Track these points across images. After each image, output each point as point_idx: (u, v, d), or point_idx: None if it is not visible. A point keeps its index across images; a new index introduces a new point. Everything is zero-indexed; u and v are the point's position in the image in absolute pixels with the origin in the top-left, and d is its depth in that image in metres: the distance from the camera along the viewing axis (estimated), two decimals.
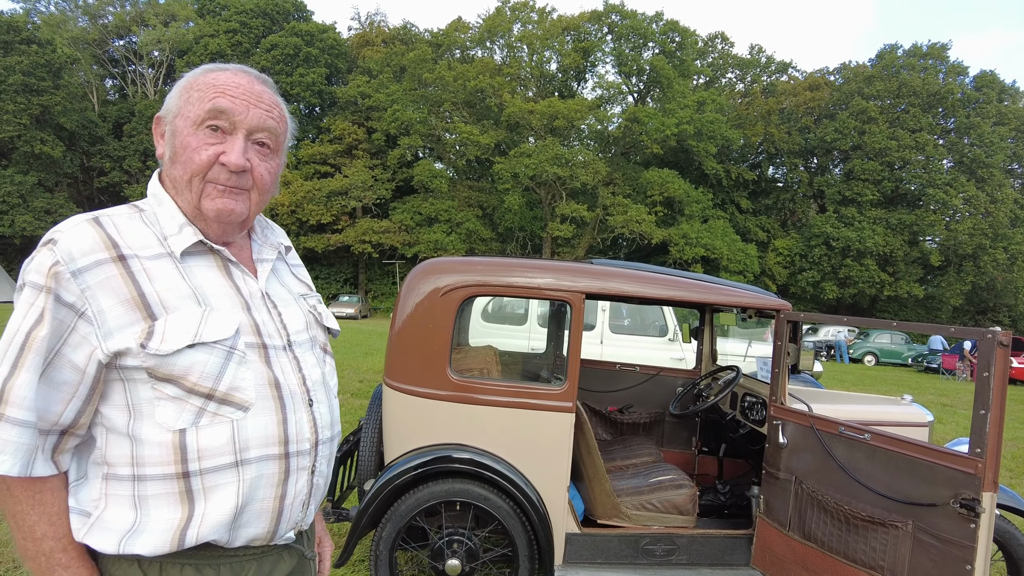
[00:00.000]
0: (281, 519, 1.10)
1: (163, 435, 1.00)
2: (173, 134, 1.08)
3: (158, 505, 1.01)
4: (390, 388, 2.98)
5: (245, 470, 1.04)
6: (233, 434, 1.03)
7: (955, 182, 35.27)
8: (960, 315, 37.60)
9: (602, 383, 4.45)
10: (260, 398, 1.06)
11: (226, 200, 1.08)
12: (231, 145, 1.07)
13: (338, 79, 41.30)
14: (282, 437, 1.08)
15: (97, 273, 0.98)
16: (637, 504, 3.16)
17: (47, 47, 33.34)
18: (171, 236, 1.07)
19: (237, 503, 1.03)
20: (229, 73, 1.10)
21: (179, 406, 1.00)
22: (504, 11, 38.44)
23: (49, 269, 0.96)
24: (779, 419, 2.97)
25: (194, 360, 1.00)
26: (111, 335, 0.97)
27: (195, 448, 1.01)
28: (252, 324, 1.09)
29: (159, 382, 1.00)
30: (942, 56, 37.62)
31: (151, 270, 1.02)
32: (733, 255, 33.93)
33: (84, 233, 0.99)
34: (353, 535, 2.83)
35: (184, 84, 1.10)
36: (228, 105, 1.06)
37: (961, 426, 9.27)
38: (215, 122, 1.06)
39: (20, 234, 32.25)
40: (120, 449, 1.02)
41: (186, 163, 1.06)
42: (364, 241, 34.65)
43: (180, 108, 1.08)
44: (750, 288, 3.35)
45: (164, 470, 1.00)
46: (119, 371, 1.00)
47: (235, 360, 1.04)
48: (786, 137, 38.64)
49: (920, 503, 2.34)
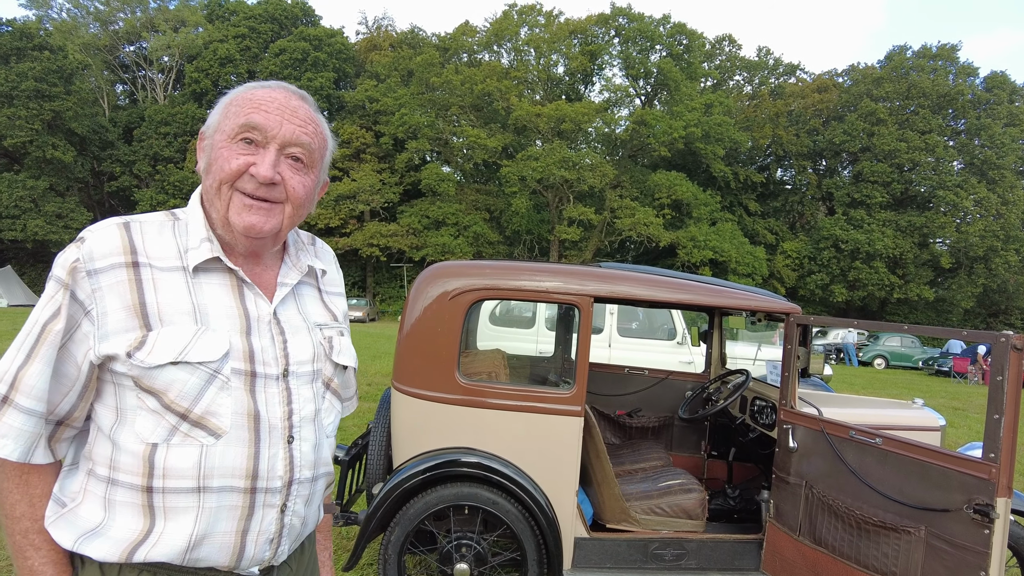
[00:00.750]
0: (243, 554, 1.08)
1: (137, 445, 1.01)
2: (211, 147, 1.10)
3: (123, 512, 1.02)
4: (399, 391, 2.98)
5: (206, 498, 1.03)
6: (200, 459, 1.02)
7: (966, 184, 35.03)
8: (971, 318, 37.29)
9: (611, 387, 4.43)
10: (235, 427, 1.04)
11: (255, 216, 1.08)
12: (262, 157, 1.07)
13: (346, 83, 41.50)
14: (250, 471, 1.05)
15: (109, 276, 1.00)
16: (646, 508, 3.14)
17: (59, 53, 33.69)
18: (191, 249, 1.08)
19: (193, 531, 1.02)
20: (267, 89, 1.11)
21: (156, 420, 1.01)
22: (511, 15, 38.53)
23: (71, 265, 1.00)
24: (789, 423, 2.96)
25: (174, 378, 1.00)
26: (106, 338, 0.99)
27: (162, 465, 1.01)
28: (246, 350, 1.07)
29: (143, 392, 1.01)
30: (952, 57, 37.40)
31: (159, 281, 1.03)
32: (741, 258, 33.80)
33: (110, 235, 1.03)
34: (362, 539, 2.83)
35: (225, 101, 1.12)
36: (262, 120, 1.07)
37: (973, 430, 9.18)
38: (249, 135, 1.07)
39: (32, 238, 32.56)
40: (102, 448, 1.04)
41: (216, 172, 1.07)
42: (372, 244, 34.76)
43: (219, 123, 1.10)
44: (759, 291, 3.33)
45: (132, 479, 1.01)
46: (111, 374, 1.03)
47: (216, 384, 1.03)
48: (794, 139, 38.50)
49: (933, 508, 2.31)
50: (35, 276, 35.94)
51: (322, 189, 1.22)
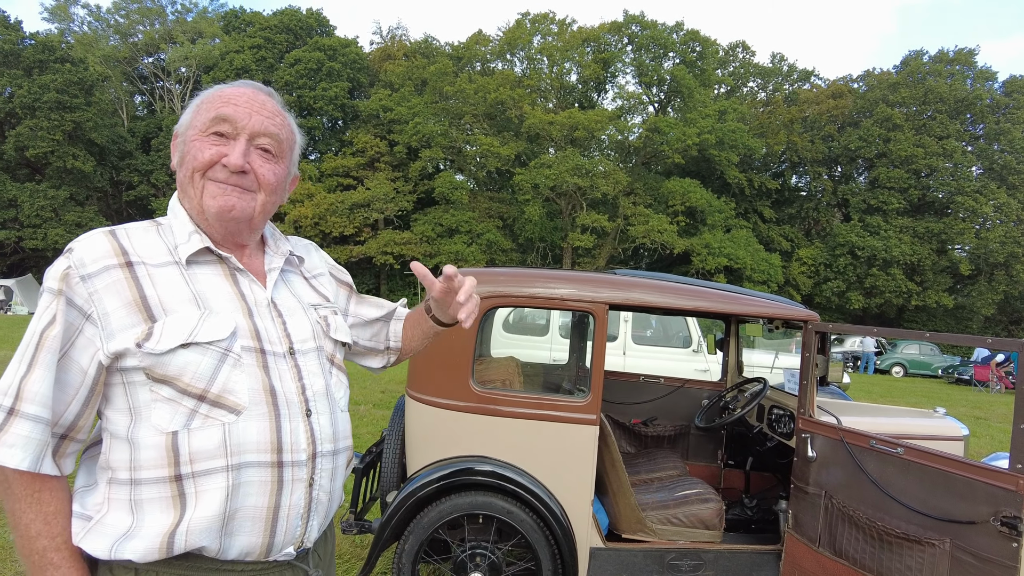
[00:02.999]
0: (276, 531, 1.08)
1: (157, 437, 1.01)
2: (184, 143, 1.14)
3: (152, 509, 1.02)
4: (413, 399, 2.98)
5: (235, 475, 1.04)
6: (224, 437, 1.03)
7: (985, 189, 34.54)
8: (992, 325, 36.68)
9: (626, 395, 4.40)
10: (253, 403, 1.06)
11: (227, 198, 1.11)
12: (233, 148, 1.11)
13: (360, 93, 41.83)
14: (275, 444, 1.07)
15: (104, 277, 1.02)
16: (662, 518, 3.10)
17: (80, 65, 34.30)
18: (180, 244, 1.11)
19: (225, 507, 1.03)
20: (235, 87, 1.17)
21: (173, 408, 1.02)
22: (524, 24, 38.66)
23: (62, 274, 1.01)
24: (808, 432, 2.91)
25: (187, 360, 1.02)
26: (113, 336, 1.01)
27: (187, 451, 1.01)
28: (252, 329, 1.10)
29: (156, 383, 1.02)
30: (969, 62, 36.97)
31: (155, 275, 1.06)
32: (756, 265, 33.53)
33: (97, 242, 1.05)
34: (376, 547, 2.82)
35: (196, 100, 1.17)
36: (231, 112, 1.12)
37: (996, 440, 9.01)
38: (219, 128, 1.11)
39: (52, 247, 33.04)
40: (120, 453, 1.04)
41: (189, 162, 1.11)
42: (386, 252, 34.89)
43: (191, 120, 1.15)
44: (775, 298, 3.29)
45: (158, 473, 1.01)
46: (120, 373, 1.03)
47: (229, 362, 1.05)
48: (809, 145, 38.21)
49: (958, 520, 2.26)
50: None
51: (292, 183, 1.28)
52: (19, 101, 32.00)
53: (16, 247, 34.38)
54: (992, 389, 18.21)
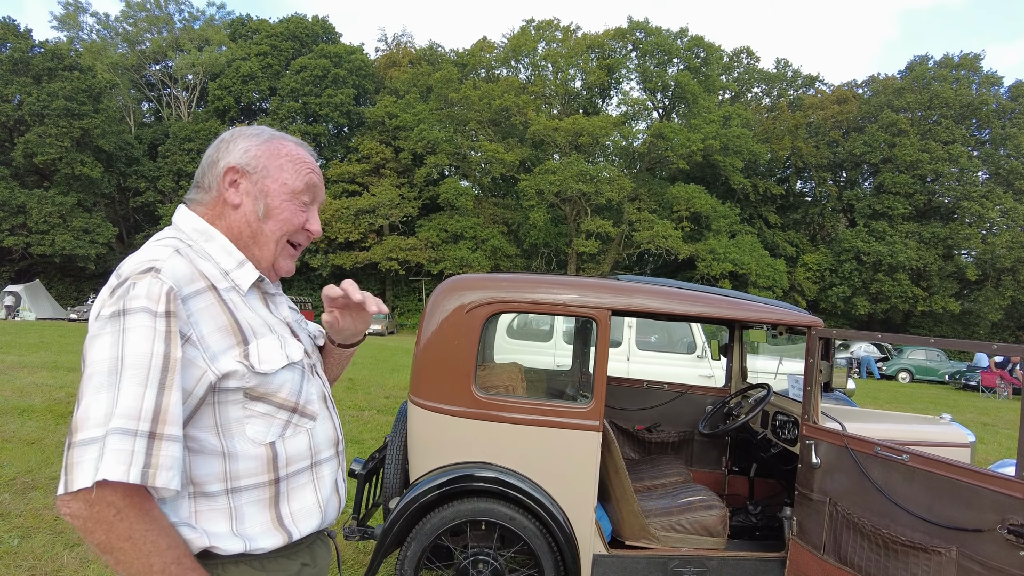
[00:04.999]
0: (328, 509, 1.27)
1: (256, 449, 1.12)
2: (266, 194, 1.21)
3: (251, 512, 1.12)
4: (415, 405, 2.98)
5: (318, 469, 1.23)
6: (309, 441, 1.21)
7: (991, 194, 34.41)
8: (999, 331, 36.46)
9: (629, 401, 4.39)
10: (321, 409, 1.25)
11: (292, 263, 1.30)
12: (314, 217, 1.29)
13: (366, 99, 42.02)
14: (335, 439, 1.29)
15: (199, 301, 1.08)
16: (666, 525, 3.09)
17: (88, 73, 34.60)
18: (232, 271, 1.18)
19: (318, 497, 1.21)
20: (305, 150, 1.28)
21: (268, 421, 1.14)
22: (529, 30, 38.80)
23: (167, 295, 1.02)
24: (812, 438, 2.89)
25: (285, 379, 1.16)
26: (216, 358, 1.07)
27: (284, 457, 1.16)
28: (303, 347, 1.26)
29: (251, 401, 1.12)
30: (975, 67, 36.90)
31: (234, 300, 1.15)
32: (761, 270, 33.46)
33: (181, 263, 1.08)
34: (378, 553, 2.81)
35: (273, 149, 1.24)
36: (318, 183, 1.29)
37: (1004, 447, 8.94)
38: (308, 198, 1.27)
39: (60, 253, 33.27)
40: (208, 468, 1.08)
41: (283, 224, 1.23)
42: (391, 258, 34.99)
43: (270, 171, 1.22)
44: (780, 304, 3.28)
45: (259, 479, 1.12)
46: (215, 393, 1.08)
47: (305, 378, 1.22)
48: (814, 151, 38.16)
49: (964, 528, 2.24)
50: (62, 290, 36.67)
51: None
52: (28, 108, 32.29)
53: (24, 253, 34.61)
54: (1000, 395, 18.09)
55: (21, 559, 3.41)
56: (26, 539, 3.67)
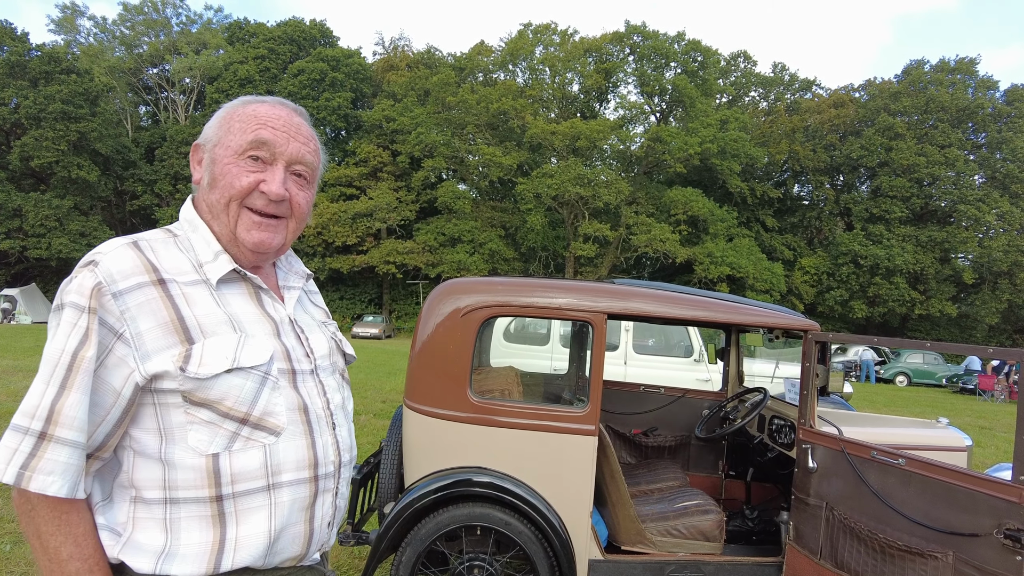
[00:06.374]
0: (312, 541, 1.12)
1: (196, 459, 1.00)
2: (213, 162, 1.11)
3: (189, 528, 1.01)
4: (410, 409, 2.96)
5: (277, 493, 1.06)
6: (265, 458, 1.05)
7: (988, 198, 34.49)
8: (996, 334, 36.51)
9: (626, 405, 4.38)
10: (291, 423, 1.08)
11: (264, 233, 1.12)
12: (271, 175, 1.11)
13: (363, 103, 42.04)
14: (312, 460, 1.10)
15: (137, 295, 0.99)
16: (662, 530, 3.08)
17: (85, 76, 34.56)
18: (206, 263, 1.09)
19: (271, 526, 1.05)
20: (268, 105, 1.14)
21: (212, 430, 1.01)
22: (526, 34, 38.87)
23: (91, 290, 0.96)
24: (808, 443, 2.89)
25: (231, 385, 1.02)
26: (149, 357, 0.98)
27: (228, 472, 1.02)
28: (283, 350, 1.11)
29: (193, 406, 1.00)
30: (970, 71, 37.02)
31: (189, 295, 1.04)
32: (759, 274, 33.49)
33: (124, 256, 1.01)
34: (373, 559, 2.80)
35: (224, 114, 1.13)
36: (270, 136, 1.10)
37: (1001, 450, 8.94)
38: (257, 152, 1.10)
39: (56, 256, 33.17)
40: (149, 472, 1.01)
41: (225, 188, 1.09)
42: (388, 262, 34.97)
43: (220, 137, 1.11)
44: (777, 307, 3.28)
45: (197, 493, 1.01)
46: (153, 394, 1.00)
47: (268, 386, 1.06)
48: (811, 155, 38.23)
49: (961, 533, 2.23)
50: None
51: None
52: (25, 112, 32.24)
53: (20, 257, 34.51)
54: (997, 399, 18.11)
55: (13, 565, 3.39)
56: (18, 544, 3.64)
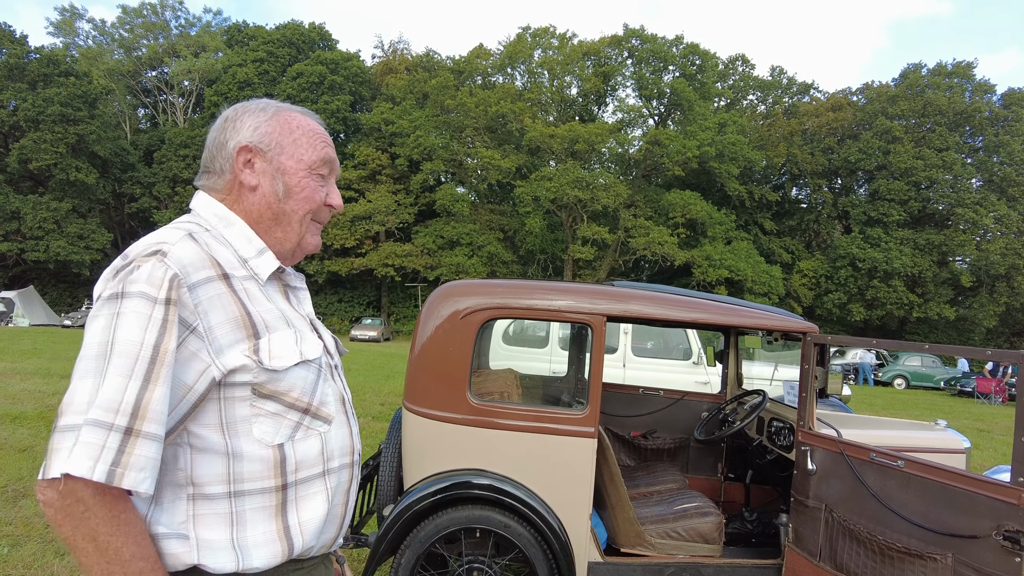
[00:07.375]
0: (343, 525, 1.18)
1: (263, 450, 1.03)
2: (282, 172, 1.15)
3: (254, 520, 1.03)
4: (410, 412, 2.96)
5: (329, 479, 1.12)
6: (322, 446, 1.11)
7: (985, 201, 34.58)
8: (994, 337, 36.57)
9: (625, 407, 4.38)
10: (337, 412, 1.15)
11: (319, 238, 1.23)
12: (333, 190, 1.22)
13: (362, 106, 42.08)
14: (351, 447, 1.18)
15: (208, 289, 0.99)
16: (661, 532, 3.08)
17: (84, 79, 34.58)
18: (251, 259, 1.11)
19: (327, 510, 1.11)
20: (316, 121, 1.22)
21: (277, 422, 1.05)
22: (525, 37, 38.94)
23: (169, 281, 0.94)
24: (807, 445, 2.89)
25: (297, 376, 1.06)
26: (223, 352, 0.99)
27: (293, 461, 1.06)
28: (322, 345, 1.17)
29: (260, 399, 1.03)
30: (968, 75, 37.13)
31: (249, 291, 1.07)
32: (757, 277, 33.53)
33: (191, 248, 1.00)
34: (372, 561, 2.79)
35: (284, 123, 1.16)
36: (333, 156, 1.21)
37: (1000, 452, 8.95)
38: (325, 171, 1.20)
39: (54, 259, 33.15)
40: (212, 468, 1.00)
41: (305, 200, 1.16)
42: (387, 264, 34.98)
43: (284, 147, 1.15)
44: (775, 310, 3.28)
45: (264, 484, 1.03)
46: (221, 389, 1.00)
47: (322, 378, 1.12)
48: (809, 158, 38.31)
49: (960, 535, 2.24)
50: (56, 296, 36.53)
51: None
52: (23, 114, 32.25)
53: (18, 259, 34.49)
54: (994, 401, 18.13)
55: (11, 568, 3.38)
56: (16, 547, 3.63)
